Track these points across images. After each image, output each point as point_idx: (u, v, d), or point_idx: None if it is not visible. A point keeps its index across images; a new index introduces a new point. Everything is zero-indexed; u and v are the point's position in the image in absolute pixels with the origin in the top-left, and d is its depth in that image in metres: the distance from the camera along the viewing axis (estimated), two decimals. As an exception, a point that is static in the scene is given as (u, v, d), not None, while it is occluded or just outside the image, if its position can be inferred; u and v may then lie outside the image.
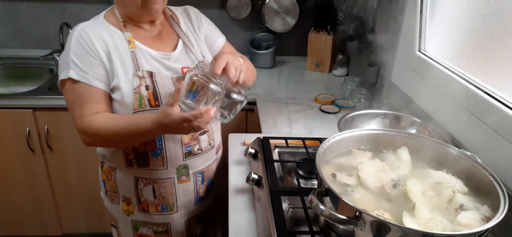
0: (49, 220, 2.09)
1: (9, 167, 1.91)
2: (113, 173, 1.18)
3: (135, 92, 1.03)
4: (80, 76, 1.00)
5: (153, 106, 1.04)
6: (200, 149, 1.17)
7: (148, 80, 1.05)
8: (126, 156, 1.12)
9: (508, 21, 1.00)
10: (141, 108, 1.03)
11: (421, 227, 0.71)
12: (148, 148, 1.10)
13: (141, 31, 1.10)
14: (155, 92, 1.05)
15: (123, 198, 1.19)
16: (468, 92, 1.11)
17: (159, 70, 1.08)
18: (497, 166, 0.95)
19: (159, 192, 1.16)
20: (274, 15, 2.16)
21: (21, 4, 2.15)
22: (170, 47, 1.14)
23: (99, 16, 1.10)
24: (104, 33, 1.04)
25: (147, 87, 1.04)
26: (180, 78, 1.10)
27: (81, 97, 1.02)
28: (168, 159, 1.12)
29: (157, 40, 1.12)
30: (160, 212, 1.19)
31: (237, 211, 1.02)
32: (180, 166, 1.15)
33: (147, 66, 1.07)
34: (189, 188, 1.20)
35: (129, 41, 1.06)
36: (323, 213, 0.70)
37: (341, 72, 2.17)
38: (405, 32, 1.51)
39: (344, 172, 0.87)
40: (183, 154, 1.14)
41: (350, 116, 1.25)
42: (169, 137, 1.10)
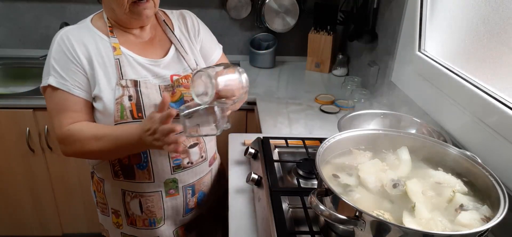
0: (49, 220, 2.09)
1: (9, 167, 1.91)
2: (102, 184, 1.14)
3: (117, 103, 0.97)
4: (59, 83, 0.96)
5: (136, 118, 0.98)
6: (190, 163, 1.11)
7: (132, 90, 0.99)
8: (113, 167, 1.08)
9: (508, 21, 1.00)
10: (122, 119, 0.98)
11: (421, 227, 0.71)
12: (133, 160, 1.05)
13: (129, 37, 1.05)
14: (139, 103, 0.99)
15: (113, 210, 1.16)
16: (468, 92, 1.11)
17: (146, 78, 1.02)
18: (497, 166, 0.95)
19: (146, 206, 1.11)
20: (274, 15, 2.16)
21: (21, 4, 2.15)
22: (160, 53, 1.08)
23: (86, 20, 1.05)
24: (88, 39, 0.99)
25: (130, 97, 0.98)
26: (168, 87, 1.04)
27: (60, 105, 0.98)
28: (155, 172, 1.07)
29: (147, 46, 1.07)
30: (148, 226, 1.15)
31: (237, 211, 1.02)
32: (168, 180, 1.10)
33: (133, 74, 1.01)
34: (178, 202, 1.15)
35: (115, 47, 1.01)
36: (323, 213, 0.70)
37: (341, 72, 2.17)
38: (405, 32, 1.51)
39: (344, 172, 0.87)
40: (170, 167, 1.08)
41: (350, 116, 1.25)
42: (155, 150, 1.04)
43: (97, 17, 1.06)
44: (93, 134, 0.96)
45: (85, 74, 0.98)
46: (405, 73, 1.51)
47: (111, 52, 1.00)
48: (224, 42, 2.33)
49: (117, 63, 0.99)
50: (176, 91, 1.04)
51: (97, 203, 1.21)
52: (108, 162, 1.08)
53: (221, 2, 2.22)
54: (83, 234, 2.18)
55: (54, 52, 0.97)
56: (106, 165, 1.09)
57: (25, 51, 2.25)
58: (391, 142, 0.96)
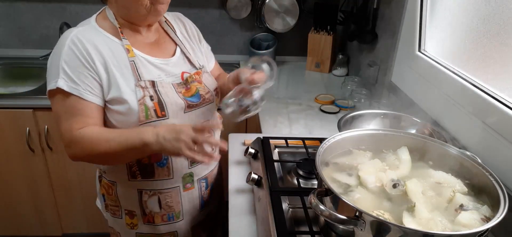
0: (49, 220, 2.09)
1: (9, 167, 1.91)
2: (113, 187, 1.13)
3: (140, 104, 0.98)
4: (70, 88, 0.94)
5: (159, 116, 1.00)
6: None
7: (151, 90, 1.01)
8: (129, 168, 1.08)
9: (508, 21, 1.00)
10: (147, 119, 0.99)
11: (421, 227, 0.71)
12: (153, 159, 1.06)
13: (138, 37, 1.06)
14: (161, 102, 1.01)
15: (126, 211, 1.15)
16: (468, 92, 1.11)
17: (160, 77, 1.05)
18: (497, 166, 0.95)
19: (165, 202, 1.13)
20: (274, 15, 2.16)
21: (21, 4, 2.15)
22: (168, 53, 1.11)
23: (90, 20, 1.03)
24: (99, 42, 0.98)
25: (152, 97, 1.00)
26: (181, 84, 1.07)
27: (71, 110, 0.96)
28: (174, 168, 1.09)
29: (154, 47, 1.09)
30: (166, 221, 1.16)
31: (237, 211, 1.02)
32: (185, 174, 1.13)
33: (147, 75, 1.02)
34: (194, 195, 1.18)
35: (128, 49, 1.01)
36: (323, 213, 0.70)
37: (341, 72, 2.17)
38: (405, 32, 1.51)
39: (344, 172, 0.87)
40: (188, 162, 1.11)
41: (350, 116, 1.25)
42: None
43: (100, 17, 1.04)
44: (105, 137, 0.95)
45: (99, 80, 0.97)
46: (405, 73, 1.51)
47: (125, 54, 1.00)
48: (224, 42, 2.35)
49: (132, 65, 1.00)
50: (190, 87, 1.09)
51: (107, 207, 1.19)
52: (124, 166, 1.08)
53: (221, 2, 2.22)
54: (83, 234, 2.18)
55: (66, 55, 0.94)
56: (120, 168, 1.08)
57: (25, 51, 2.25)
58: (391, 142, 0.97)
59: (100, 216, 2.15)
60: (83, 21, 1.05)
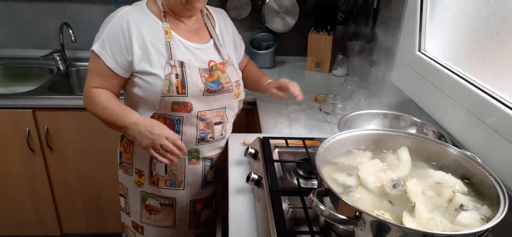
0: (49, 220, 2.09)
1: (9, 167, 1.91)
2: (131, 146, 1.29)
3: (166, 79, 1.13)
4: (100, 52, 1.13)
5: (179, 93, 1.15)
6: (212, 137, 1.26)
7: (179, 70, 1.15)
8: None
9: (508, 21, 1.00)
10: (169, 93, 1.14)
11: (421, 227, 0.71)
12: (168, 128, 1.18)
13: (179, 24, 1.22)
14: (183, 81, 1.15)
15: (136, 170, 1.30)
16: (468, 92, 1.11)
17: (190, 60, 1.19)
18: (497, 166, 0.95)
19: (170, 169, 1.27)
20: (274, 15, 2.16)
21: (21, 4, 2.15)
22: (202, 41, 1.25)
23: (142, 2, 1.21)
24: (144, 22, 1.15)
25: (177, 75, 1.15)
26: (206, 70, 1.20)
27: (94, 69, 1.17)
28: (183, 141, 1.19)
29: (193, 34, 1.24)
30: (169, 186, 1.30)
31: (237, 211, 1.02)
32: (192, 149, 1.25)
33: (179, 56, 1.17)
34: (198, 170, 1.30)
35: (167, 31, 1.17)
36: (323, 213, 0.70)
37: (341, 72, 2.17)
38: (405, 32, 1.51)
39: (344, 172, 0.87)
40: (196, 139, 1.23)
41: (350, 116, 1.25)
42: (187, 122, 1.19)
43: (151, 1, 1.21)
44: (103, 105, 1.16)
45: (130, 57, 1.13)
46: (405, 73, 1.51)
47: (163, 35, 1.16)
48: (224, 42, 2.34)
49: (167, 45, 1.16)
50: (213, 74, 1.21)
51: (121, 163, 1.35)
52: None
53: (221, 2, 2.22)
54: (83, 234, 2.18)
55: (110, 28, 1.13)
56: None
57: (25, 51, 2.25)
58: (391, 142, 0.97)
59: (100, 216, 2.16)
60: (136, 2, 1.22)
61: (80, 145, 1.89)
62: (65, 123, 1.82)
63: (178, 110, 1.17)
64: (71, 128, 1.84)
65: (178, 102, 1.16)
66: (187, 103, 1.17)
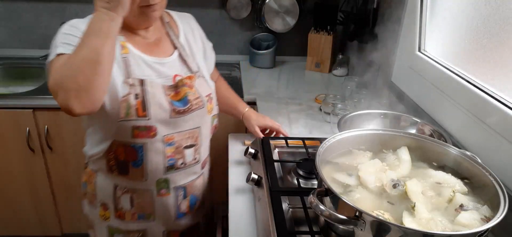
0: (49, 220, 2.09)
1: (9, 167, 1.91)
2: (94, 176, 1.14)
3: (123, 100, 0.97)
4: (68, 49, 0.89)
5: (140, 116, 0.99)
6: (183, 163, 1.11)
7: (138, 89, 1.00)
8: (108, 162, 1.08)
9: (508, 21, 1.00)
10: (127, 117, 0.98)
11: (421, 227, 0.71)
12: (129, 157, 1.05)
13: (136, 37, 1.06)
14: (144, 102, 1.00)
15: (101, 203, 1.15)
16: (468, 92, 1.11)
17: (151, 77, 1.04)
18: (497, 166, 0.95)
19: (137, 202, 1.12)
20: (274, 15, 2.16)
21: (21, 4, 2.15)
22: (164, 54, 1.10)
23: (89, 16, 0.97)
24: None
25: (137, 95, 0.99)
26: (171, 87, 1.06)
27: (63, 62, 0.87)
28: (148, 171, 1.07)
29: (153, 46, 1.08)
30: (136, 220, 1.15)
31: (237, 211, 1.02)
32: (160, 179, 1.10)
33: (139, 73, 1.02)
34: (169, 202, 1.14)
35: (122, 46, 1.01)
36: (323, 213, 0.70)
37: (341, 72, 2.17)
38: (405, 32, 1.51)
39: (344, 172, 0.87)
40: (164, 167, 1.08)
41: (350, 116, 1.25)
42: (151, 148, 1.04)
43: None
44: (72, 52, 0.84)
45: None
46: (405, 73, 1.51)
47: (119, 50, 1.00)
48: (224, 42, 2.35)
49: (124, 61, 1.00)
50: (180, 91, 1.06)
51: (86, 194, 1.21)
52: (104, 157, 1.07)
53: (221, 2, 2.22)
54: (83, 234, 2.18)
55: (62, 35, 0.96)
56: (102, 159, 1.08)
57: (25, 51, 2.25)
58: (391, 142, 0.97)
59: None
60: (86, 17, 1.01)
61: (80, 145, 1.89)
62: (65, 123, 1.82)
63: (140, 136, 1.01)
64: (71, 128, 1.84)
65: (139, 127, 1.00)
66: (150, 128, 1.01)
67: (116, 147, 1.03)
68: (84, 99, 0.83)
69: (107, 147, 1.04)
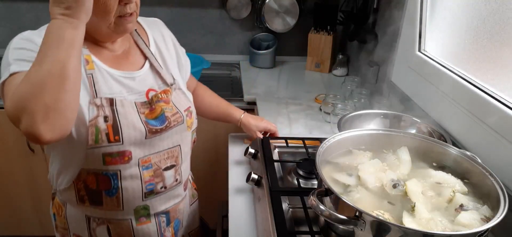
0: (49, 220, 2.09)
1: (9, 167, 1.91)
2: (63, 208, 1.03)
3: (91, 125, 0.85)
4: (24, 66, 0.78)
5: (112, 141, 0.87)
6: (163, 187, 1.00)
7: (108, 109, 0.87)
8: (78, 192, 0.97)
9: (508, 21, 1.00)
10: (97, 144, 0.86)
11: (421, 227, 0.71)
12: (102, 186, 0.94)
13: (102, 50, 0.94)
14: (115, 124, 0.87)
15: (75, 235, 1.05)
16: (468, 92, 1.11)
17: (121, 94, 0.92)
18: (497, 166, 0.95)
19: (115, 232, 1.01)
20: (274, 15, 2.16)
21: (21, 4, 2.15)
22: (135, 67, 0.98)
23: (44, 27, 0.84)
24: None
25: (106, 118, 0.87)
26: (144, 104, 0.94)
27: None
28: (125, 199, 0.96)
29: (121, 59, 0.96)
30: None
31: (237, 211, 1.02)
32: (138, 207, 0.99)
33: (107, 90, 0.89)
34: (150, 230, 1.04)
35: (87, 60, 0.88)
36: (323, 213, 0.70)
37: (341, 72, 2.17)
38: (405, 32, 1.51)
39: (344, 172, 0.87)
40: (142, 193, 0.97)
41: (350, 116, 1.25)
42: (127, 175, 0.93)
43: None
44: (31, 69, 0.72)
45: None
46: (405, 73, 1.51)
47: (83, 65, 0.86)
48: (224, 42, 2.35)
49: (90, 79, 0.87)
50: (155, 107, 0.95)
51: (57, 228, 1.10)
52: (72, 187, 0.96)
53: (221, 2, 2.22)
54: (83, 234, 2.18)
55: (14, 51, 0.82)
56: (69, 190, 0.97)
57: (25, 51, 2.25)
58: (391, 142, 0.97)
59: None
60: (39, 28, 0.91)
61: (80, 145, 1.89)
62: (65, 123, 1.82)
63: (112, 163, 0.90)
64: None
65: (112, 153, 0.89)
66: (123, 153, 0.90)
67: (85, 175, 0.92)
68: (53, 121, 0.71)
69: (75, 176, 0.93)
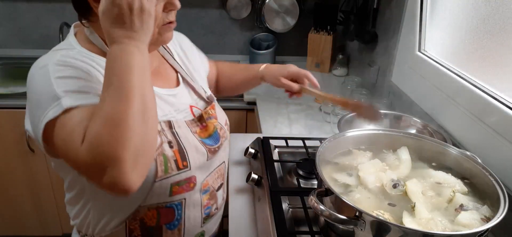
0: (49, 220, 2.09)
1: (9, 167, 1.91)
2: None
3: (158, 154, 0.75)
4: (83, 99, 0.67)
5: (181, 168, 0.78)
6: (216, 208, 0.96)
7: (169, 134, 0.79)
8: (129, 234, 0.83)
9: (508, 21, 1.00)
10: (167, 174, 0.76)
11: (421, 227, 0.71)
12: (163, 220, 0.83)
13: None
14: (181, 149, 0.79)
15: None
16: (468, 92, 1.11)
17: (171, 114, 0.83)
18: (497, 166, 0.95)
19: None
20: (274, 15, 2.16)
21: (21, 4, 2.15)
22: (171, 83, 0.91)
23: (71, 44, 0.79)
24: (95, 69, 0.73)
25: (170, 143, 0.77)
26: (193, 122, 0.86)
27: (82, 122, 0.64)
28: (186, 229, 0.88)
29: (157, 76, 0.87)
30: None
31: (237, 211, 1.02)
32: (197, 234, 0.92)
33: (160, 112, 0.79)
34: None
35: None
36: (323, 213, 0.70)
37: (341, 72, 2.17)
38: (405, 32, 1.51)
39: (344, 172, 0.87)
40: (201, 219, 0.91)
41: (350, 116, 1.25)
42: (190, 203, 0.85)
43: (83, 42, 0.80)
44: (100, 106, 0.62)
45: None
46: (405, 73, 1.51)
47: None
48: (224, 42, 2.36)
49: None
50: (208, 125, 0.88)
51: None
52: (122, 230, 0.83)
53: (221, 2, 2.22)
54: (83, 234, 2.18)
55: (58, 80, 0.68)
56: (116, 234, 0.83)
57: (25, 51, 2.25)
58: (391, 142, 0.96)
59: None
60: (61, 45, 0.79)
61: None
62: (65, 123, 1.82)
63: (179, 192, 0.81)
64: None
65: (180, 182, 0.80)
66: (190, 179, 0.82)
67: (144, 213, 0.80)
68: (142, 166, 0.62)
69: (130, 216, 0.81)
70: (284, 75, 1.12)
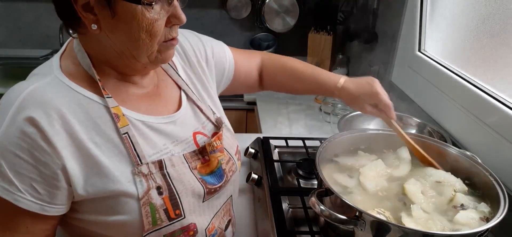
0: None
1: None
2: None
3: (143, 204, 0.63)
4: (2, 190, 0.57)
5: (173, 218, 0.65)
6: None
7: (158, 177, 0.65)
8: None
9: (508, 21, 1.00)
10: (155, 226, 0.64)
11: (421, 227, 0.71)
12: None
13: (127, 88, 0.70)
14: (173, 195, 0.66)
15: None
16: (468, 92, 1.11)
17: (167, 149, 0.69)
18: (497, 166, 0.95)
19: None
20: (274, 15, 2.16)
21: (21, 4, 2.15)
22: (171, 105, 0.76)
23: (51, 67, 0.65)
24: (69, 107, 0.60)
25: (160, 189, 0.64)
26: (194, 155, 0.72)
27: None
28: None
29: (153, 98, 0.73)
30: None
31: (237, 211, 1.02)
32: None
33: (149, 150, 0.66)
34: None
35: (116, 114, 0.64)
36: (323, 213, 0.70)
37: (341, 72, 2.17)
38: (405, 32, 1.51)
39: (345, 173, 0.87)
40: None
41: (350, 116, 1.25)
42: None
43: (67, 61, 0.67)
44: None
45: (61, 183, 0.60)
46: (405, 73, 1.51)
47: (111, 122, 0.64)
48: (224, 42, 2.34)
49: (127, 140, 0.64)
50: (210, 160, 0.74)
51: None
52: None
53: (221, 2, 2.22)
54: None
55: (5, 141, 0.57)
56: None
57: (25, 51, 2.25)
58: (391, 142, 0.96)
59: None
60: (40, 68, 0.69)
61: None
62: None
63: None
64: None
65: (174, 232, 0.67)
66: (187, 228, 0.68)
67: None
68: None
69: None
70: (371, 103, 0.92)
